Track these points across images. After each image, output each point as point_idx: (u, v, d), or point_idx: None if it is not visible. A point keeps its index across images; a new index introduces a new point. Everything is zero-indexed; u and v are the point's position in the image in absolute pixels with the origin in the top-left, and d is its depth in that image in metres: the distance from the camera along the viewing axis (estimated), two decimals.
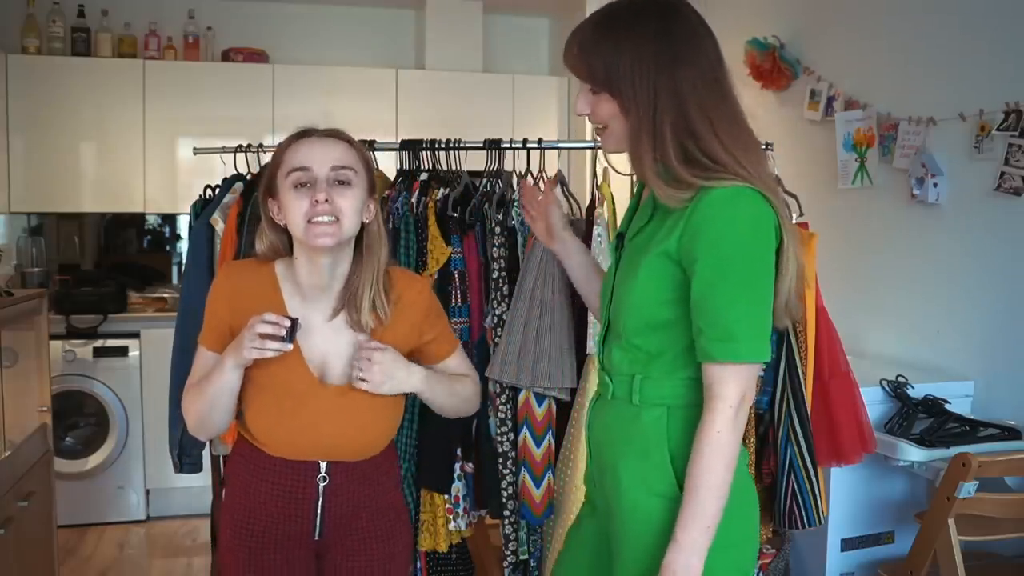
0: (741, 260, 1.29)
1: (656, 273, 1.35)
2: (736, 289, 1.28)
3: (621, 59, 1.34)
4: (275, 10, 4.64)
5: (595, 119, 1.44)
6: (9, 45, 4.11)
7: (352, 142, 1.59)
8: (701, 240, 1.29)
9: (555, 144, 2.50)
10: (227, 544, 1.63)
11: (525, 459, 2.23)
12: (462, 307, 2.26)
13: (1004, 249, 2.70)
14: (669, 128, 1.33)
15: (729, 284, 1.28)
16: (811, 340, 2.28)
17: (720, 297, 1.28)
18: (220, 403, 1.55)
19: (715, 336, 1.28)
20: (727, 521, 1.32)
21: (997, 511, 2.22)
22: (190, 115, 4.18)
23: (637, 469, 1.38)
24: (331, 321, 1.58)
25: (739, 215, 1.29)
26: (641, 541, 1.37)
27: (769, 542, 2.42)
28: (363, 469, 1.63)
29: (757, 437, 2.26)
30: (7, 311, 2.53)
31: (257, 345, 1.45)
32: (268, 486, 1.59)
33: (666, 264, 1.34)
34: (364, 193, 1.55)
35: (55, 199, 4.17)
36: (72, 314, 3.88)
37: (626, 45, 1.34)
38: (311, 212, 1.48)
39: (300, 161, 1.51)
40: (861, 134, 3.24)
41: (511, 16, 4.97)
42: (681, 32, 1.36)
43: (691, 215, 1.30)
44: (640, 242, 1.42)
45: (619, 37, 1.35)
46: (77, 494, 3.79)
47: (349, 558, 1.64)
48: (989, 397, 2.73)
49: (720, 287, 1.28)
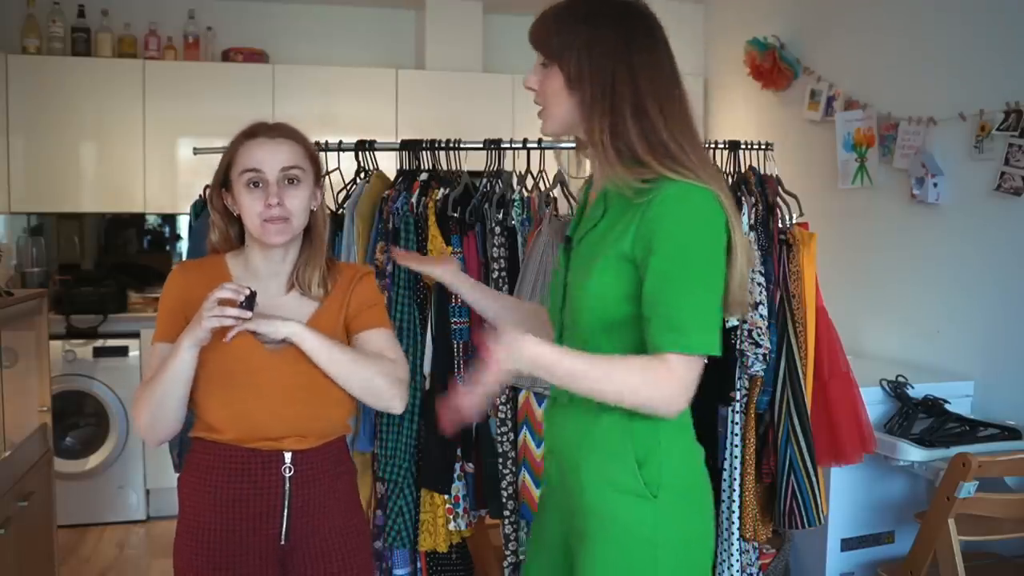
0: (695, 256, 1.32)
1: (613, 271, 1.36)
2: (689, 283, 1.31)
3: (580, 34, 1.37)
4: (275, 10, 4.64)
5: (539, 96, 1.44)
6: (9, 45, 4.11)
7: (299, 139, 1.65)
8: (657, 235, 1.31)
9: (555, 144, 2.50)
10: (185, 562, 1.60)
11: (525, 459, 2.23)
12: (462, 307, 2.26)
13: (1004, 249, 2.70)
14: (629, 111, 1.35)
15: (682, 278, 1.31)
16: (811, 340, 2.28)
17: (673, 290, 1.31)
18: (173, 392, 1.52)
19: (666, 327, 1.30)
20: (685, 517, 1.38)
21: (997, 511, 2.22)
22: (190, 115, 4.17)
23: (601, 468, 1.39)
24: (282, 300, 1.63)
25: (693, 212, 1.32)
26: (608, 538, 1.38)
27: (769, 542, 2.42)
28: (324, 460, 1.63)
29: (757, 437, 2.26)
30: (7, 311, 2.53)
31: (216, 313, 1.45)
32: (231, 487, 1.57)
33: (622, 262, 1.36)
34: (312, 187, 1.64)
35: (55, 199, 4.16)
36: (72, 314, 3.87)
37: (588, 23, 1.37)
38: (264, 212, 1.56)
39: (252, 163, 1.58)
40: (861, 134, 3.24)
41: (511, 16, 4.97)
42: (643, 26, 1.40)
43: (646, 211, 1.32)
44: (592, 242, 1.43)
45: (584, 14, 1.38)
46: (77, 494, 3.79)
47: (316, 563, 1.63)
48: (989, 397, 2.73)
49: (673, 281, 1.31)
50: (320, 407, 1.61)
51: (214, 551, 1.57)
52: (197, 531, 1.58)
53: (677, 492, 1.38)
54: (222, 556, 1.56)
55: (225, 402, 1.57)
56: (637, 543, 1.36)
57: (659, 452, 1.37)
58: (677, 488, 1.38)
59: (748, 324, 2.16)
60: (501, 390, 2.22)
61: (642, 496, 1.36)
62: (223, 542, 1.57)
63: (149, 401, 1.54)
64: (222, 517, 1.57)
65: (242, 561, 1.57)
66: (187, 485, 1.63)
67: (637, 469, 1.37)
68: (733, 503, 2.21)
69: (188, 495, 1.62)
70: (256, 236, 1.59)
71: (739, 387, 2.22)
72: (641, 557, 1.36)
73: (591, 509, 1.39)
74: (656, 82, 1.36)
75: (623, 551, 1.36)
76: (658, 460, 1.37)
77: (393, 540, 2.28)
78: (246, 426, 1.57)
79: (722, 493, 2.23)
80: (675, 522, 1.37)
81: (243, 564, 1.57)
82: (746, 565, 2.30)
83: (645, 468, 1.37)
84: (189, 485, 1.63)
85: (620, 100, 1.35)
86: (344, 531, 1.65)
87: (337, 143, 2.49)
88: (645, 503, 1.36)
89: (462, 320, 2.26)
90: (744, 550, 2.28)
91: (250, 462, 1.58)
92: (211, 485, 1.58)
